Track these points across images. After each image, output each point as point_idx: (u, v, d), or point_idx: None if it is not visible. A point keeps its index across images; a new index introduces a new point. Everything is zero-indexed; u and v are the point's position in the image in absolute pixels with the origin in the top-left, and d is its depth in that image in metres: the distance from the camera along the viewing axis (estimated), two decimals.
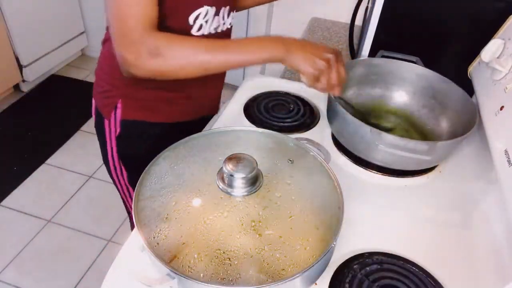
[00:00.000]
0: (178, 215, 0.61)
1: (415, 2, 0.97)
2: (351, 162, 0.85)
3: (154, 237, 0.58)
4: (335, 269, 0.63)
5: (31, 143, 2.18)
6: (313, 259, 0.56)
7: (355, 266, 0.63)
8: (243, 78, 2.34)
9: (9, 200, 1.86)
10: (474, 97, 0.88)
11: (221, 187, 0.63)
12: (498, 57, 0.79)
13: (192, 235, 0.59)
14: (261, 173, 0.65)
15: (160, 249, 0.56)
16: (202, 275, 0.55)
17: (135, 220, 0.59)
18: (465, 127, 0.78)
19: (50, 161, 2.08)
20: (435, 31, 0.99)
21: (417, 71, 0.93)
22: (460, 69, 0.93)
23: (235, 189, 0.62)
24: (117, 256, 0.64)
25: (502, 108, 0.72)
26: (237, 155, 0.63)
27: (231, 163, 0.61)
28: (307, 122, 0.95)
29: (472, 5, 0.93)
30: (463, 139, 0.75)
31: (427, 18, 0.98)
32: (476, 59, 0.90)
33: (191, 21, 0.77)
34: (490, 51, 0.82)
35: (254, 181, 0.63)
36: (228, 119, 0.95)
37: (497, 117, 0.72)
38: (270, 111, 0.96)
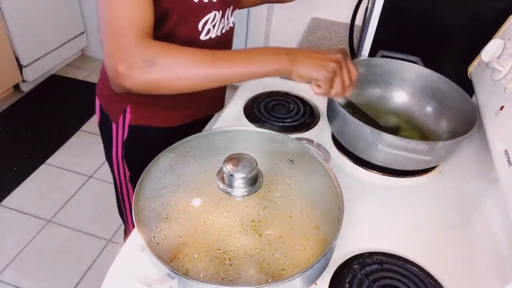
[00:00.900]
0: (178, 215, 0.61)
1: (415, 2, 0.97)
2: (351, 162, 0.85)
3: (154, 237, 0.58)
4: (335, 269, 0.63)
5: (31, 143, 2.18)
6: (313, 259, 0.56)
7: (355, 266, 0.63)
8: None
9: (9, 200, 1.86)
10: (474, 97, 0.88)
11: (221, 187, 0.63)
12: (498, 57, 0.79)
13: (192, 235, 0.59)
14: (261, 173, 0.65)
15: (160, 249, 0.56)
16: (202, 275, 0.55)
17: (135, 220, 0.59)
18: (465, 127, 0.78)
19: (50, 161, 2.08)
20: (435, 31, 0.99)
21: (417, 71, 0.93)
22: (460, 69, 0.93)
23: (235, 189, 0.62)
24: (117, 256, 0.64)
25: (502, 108, 0.72)
26: (237, 155, 0.63)
27: (231, 163, 0.61)
28: (307, 122, 0.95)
29: (472, 5, 0.93)
30: (463, 139, 0.75)
31: (427, 18, 0.98)
32: (476, 59, 0.90)
33: (200, 27, 0.75)
34: (490, 51, 0.82)
35: (254, 181, 0.63)
36: (228, 119, 0.95)
37: (497, 117, 0.72)
38: (270, 111, 0.97)
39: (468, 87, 0.87)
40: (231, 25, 0.87)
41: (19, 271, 1.59)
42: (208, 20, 0.76)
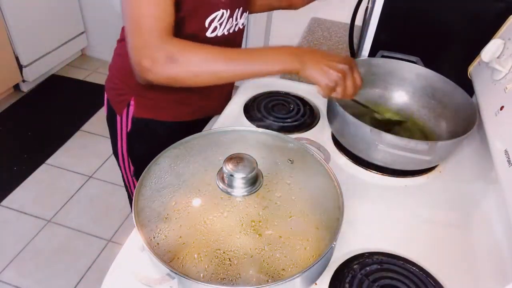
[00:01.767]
0: (178, 215, 0.61)
1: (415, 2, 0.97)
2: (351, 162, 0.85)
3: (154, 237, 0.58)
4: (335, 269, 0.63)
5: (31, 143, 2.18)
6: (313, 259, 0.56)
7: (355, 266, 0.63)
8: None
9: (9, 200, 1.86)
10: (474, 97, 0.88)
11: (221, 187, 0.63)
12: (498, 57, 0.79)
13: (192, 235, 0.59)
14: (261, 173, 0.65)
15: (160, 249, 0.56)
16: (202, 275, 0.55)
17: (135, 220, 0.59)
18: (465, 127, 0.78)
19: (50, 161, 2.08)
20: (435, 31, 0.99)
21: (417, 71, 0.93)
22: (460, 69, 0.93)
23: (235, 189, 0.62)
24: (117, 256, 0.64)
25: (502, 108, 0.72)
26: (237, 155, 0.63)
27: (231, 163, 0.62)
28: (307, 122, 0.95)
29: (472, 5, 0.93)
30: (463, 139, 0.75)
31: (427, 18, 0.98)
32: (476, 59, 0.90)
33: (206, 24, 0.77)
34: (490, 51, 0.82)
35: (254, 181, 0.63)
36: (228, 119, 0.95)
37: (497, 117, 0.72)
38: (270, 111, 0.96)
39: (468, 87, 0.87)
40: (240, 27, 0.87)
41: (19, 271, 1.59)
42: (215, 17, 0.78)
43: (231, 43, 0.88)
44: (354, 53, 1.21)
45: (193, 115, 0.96)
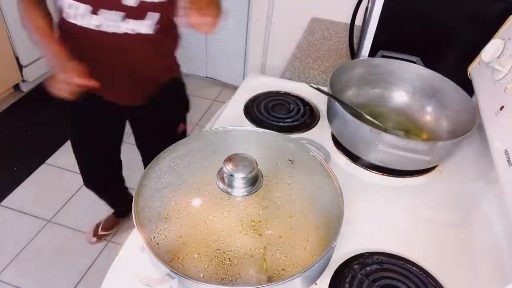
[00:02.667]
0: (178, 215, 0.61)
1: (415, 2, 0.97)
2: (351, 162, 0.85)
3: (154, 237, 0.58)
4: (335, 269, 0.63)
5: (31, 143, 2.18)
6: (313, 259, 0.56)
7: (355, 266, 0.63)
8: (243, 78, 2.35)
9: (9, 200, 1.86)
10: (474, 97, 0.88)
11: (221, 187, 0.63)
12: (498, 57, 0.79)
13: (192, 235, 0.59)
14: (261, 173, 0.65)
15: (160, 249, 0.57)
16: (202, 275, 0.55)
17: (135, 220, 0.59)
18: (465, 127, 0.78)
19: (50, 161, 2.08)
20: (435, 31, 0.99)
21: (417, 71, 0.93)
22: (460, 69, 0.93)
23: (235, 189, 0.62)
24: (117, 256, 0.64)
25: (502, 108, 0.72)
26: (237, 155, 0.63)
27: (231, 163, 0.61)
28: (307, 122, 0.95)
29: (472, 5, 0.93)
30: (463, 139, 0.75)
31: (427, 18, 0.98)
32: (476, 59, 0.90)
33: (66, 8, 0.88)
34: (490, 51, 0.82)
35: (254, 181, 0.63)
36: (228, 119, 0.95)
37: (497, 117, 0.72)
38: (270, 111, 0.97)
39: (468, 87, 0.87)
40: (127, 31, 0.91)
41: (19, 271, 1.59)
42: (71, 5, 0.87)
43: (112, 43, 0.92)
44: (354, 53, 1.21)
45: (105, 93, 1.06)
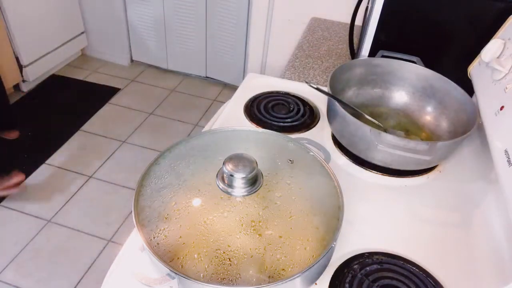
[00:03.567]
0: (178, 215, 0.61)
1: (415, 2, 0.97)
2: (351, 162, 0.85)
3: (154, 237, 0.58)
4: (335, 269, 0.63)
5: (31, 143, 2.18)
6: (313, 259, 0.56)
7: (355, 266, 0.63)
8: (243, 78, 2.34)
9: (9, 200, 1.86)
10: (474, 97, 0.88)
11: (221, 187, 0.63)
12: (498, 57, 0.79)
13: (192, 235, 0.59)
14: (261, 173, 0.65)
15: (160, 249, 0.56)
16: (202, 275, 0.55)
17: (135, 220, 0.59)
18: (465, 127, 0.78)
19: (50, 161, 2.08)
20: (435, 31, 0.99)
21: (417, 71, 0.93)
22: (460, 69, 0.93)
23: (235, 189, 0.62)
24: (117, 256, 0.64)
25: (502, 108, 0.72)
26: (237, 155, 0.63)
27: (231, 163, 0.62)
28: (307, 122, 0.95)
29: (472, 5, 0.93)
30: (463, 139, 0.75)
31: (427, 18, 0.98)
32: (476, 59, 0.90)
33: None
34: (490, 51, 0.82)
35: (254, 181, 0.63)
36: (228, 119, 0.95)
37: (497, 117, 0.72)
38: (270, 111, 0.96)
39: (468, 87, 0.87)
40: None
41: (19, 271, 1.59)
42: None
43: None
44: (354, 53, 1.21)
45: None
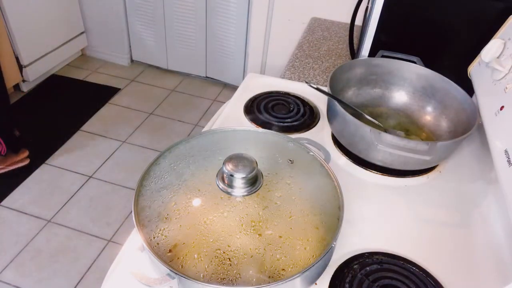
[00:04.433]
0: (178, 215, 0.61)
1: (415, 2, 0.97)
2: (351, 162, 0.85)
3: (154, 237, 0.58)
4: (335, 269, 0.63)
5: (31, 143, 2.18)
6: (313, 259, 0.56)
7: (355, 266, 0.63)
8: (243, 78, 2.34)
9: (9, 200, 1.86)
10: (474, 97, 0.88)
11: (221, 187, 0.63)
12: (498, 57, 0.79)
13: (192, 235, 0.59)
14: (261, 173, 0.65)
15: (160, 249, 0.56)
16: (202, 275, 0.55)
17: (135, 220, 0.59)
18: (465, 127, 0.78)
19: (50, 161, 2.08)
20: (435, 31, 0.99)
21: (417, 71, 0.93)
22: (460, 69, 0.93)
23: (235, 189, 0.62)
24: (117, 256, 0.64)
25: (502, 108, 0.72)
26: (237, 155, 0.63)
27: (231, 163, 0.62)
28: (307, 122, 0.95)
29: (472, 5, 0.93)
30: (463, 139, 0.75)
31: (427, 18, 0.98)
32: (476, 59, 0.90)
33: None
34: (490, 51, 0.82)
35: (254, 181, 0.63)
36: (228, 119, 0.95)
37: (497, 117, 0.72)
38: (270, 111, 0.96)
39: (468, 87, 0.87)
40: None
41: (19, 271, 1.59)
42: None
43: None
44: (354, 53, 1.21)
45: None
